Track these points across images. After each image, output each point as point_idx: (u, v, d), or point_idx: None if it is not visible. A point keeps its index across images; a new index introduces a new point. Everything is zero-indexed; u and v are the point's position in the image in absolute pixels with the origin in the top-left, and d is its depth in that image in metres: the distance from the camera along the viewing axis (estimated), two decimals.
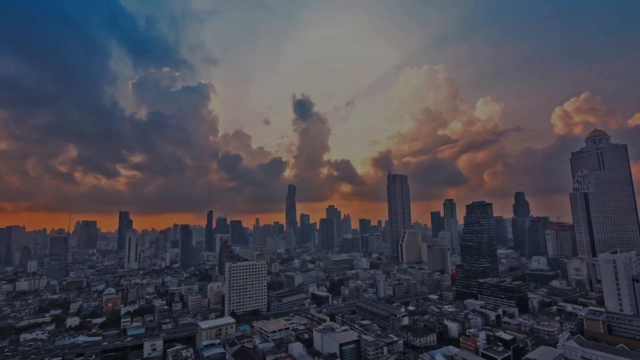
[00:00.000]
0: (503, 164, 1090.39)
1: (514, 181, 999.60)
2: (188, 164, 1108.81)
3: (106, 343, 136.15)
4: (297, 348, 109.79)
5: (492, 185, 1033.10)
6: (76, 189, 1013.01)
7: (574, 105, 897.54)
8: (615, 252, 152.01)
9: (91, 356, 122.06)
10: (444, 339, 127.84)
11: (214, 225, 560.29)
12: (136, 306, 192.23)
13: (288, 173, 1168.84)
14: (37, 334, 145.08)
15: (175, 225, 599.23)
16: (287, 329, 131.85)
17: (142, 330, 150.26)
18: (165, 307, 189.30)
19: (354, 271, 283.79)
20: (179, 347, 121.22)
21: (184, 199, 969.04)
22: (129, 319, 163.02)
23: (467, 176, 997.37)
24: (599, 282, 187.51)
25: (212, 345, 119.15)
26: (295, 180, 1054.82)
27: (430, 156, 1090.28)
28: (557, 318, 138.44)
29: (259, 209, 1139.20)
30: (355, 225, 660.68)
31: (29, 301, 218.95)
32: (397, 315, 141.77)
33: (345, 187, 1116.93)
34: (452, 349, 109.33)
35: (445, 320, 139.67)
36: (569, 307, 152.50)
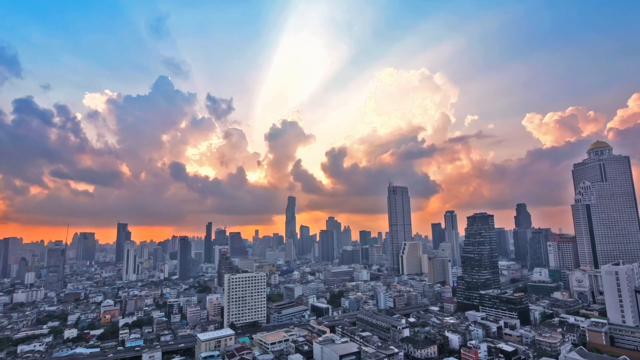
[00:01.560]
0: (480, 173, 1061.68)
1: (496, 191, 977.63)
2: (125, 172, 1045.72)
3: (111, 355, 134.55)
4: None
5: (471, 194, 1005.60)
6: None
7: (558, 114, 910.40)
8: (618, 264, 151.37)
9: None
10: (445, 350, 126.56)
11: (212, 237, 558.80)
12: (134, 318, 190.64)
13: (257, 182, 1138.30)
14: (35, 346, 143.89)
15: (174, 237, 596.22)
16: (287, 340, 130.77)
17: (141, 342, 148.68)
18: (164, 318, 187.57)
19: (354, 283, 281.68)
20: (177, 358, 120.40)
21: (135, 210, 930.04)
22: (127, 331, 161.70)
23: (440, 185, 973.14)
24: (601, 293, 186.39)
25: (211, 357, 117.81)
26: (265, 191, 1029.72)
27: (405, 162, 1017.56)
28: (559, 330, 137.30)
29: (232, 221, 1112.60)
30: (355, 237, 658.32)
31: (27, 313, 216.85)
32: (398, 327, 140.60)
33: (311, 198, 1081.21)
34: None
35: (446, 331, 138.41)
36: (571, 319, 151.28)
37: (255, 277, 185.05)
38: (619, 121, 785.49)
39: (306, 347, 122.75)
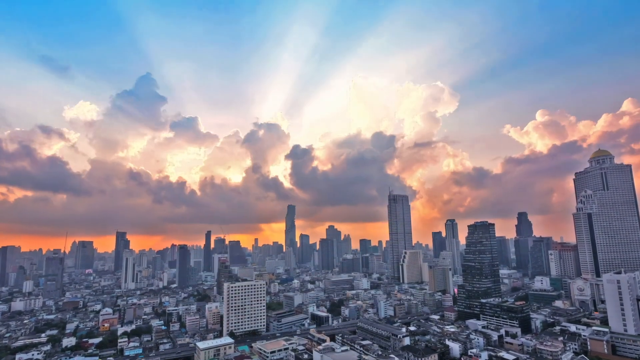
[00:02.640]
0: (463, 179, 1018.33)
1: (481, 198, 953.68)
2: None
3: None
4: None
5: (460, 202, 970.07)
6: None
7: (541, 117, 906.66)
8: (619, 272, 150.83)
9: None
10: (446, 359, 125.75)
11: (212, 245, 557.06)
12: (133, 326, 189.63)
13: (237, 189, 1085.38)
14: (33, 355, 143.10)
15: (173, 246, 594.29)
16: (287, 349, 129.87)
17: (140, 351, 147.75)
18: (163, 327, 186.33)
19: (354, 291, 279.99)
20: None
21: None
22: (126, 339, 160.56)
23: (418, 191, 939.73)
24: (602, 302, 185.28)
25: None
26: (244, 199, 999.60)
27: (380, 169, 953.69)
28: (561, 338, 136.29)
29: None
30: (355, 245, 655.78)
31: (25, 321, 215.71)
32: (398, 336, 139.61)
33: (285, 205, 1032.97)
34: None
35: (446, 340, 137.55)
36: (573, 328, 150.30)
37: (254, 285, 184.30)
38: (603, 125, 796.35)
39: (306, 356, 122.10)
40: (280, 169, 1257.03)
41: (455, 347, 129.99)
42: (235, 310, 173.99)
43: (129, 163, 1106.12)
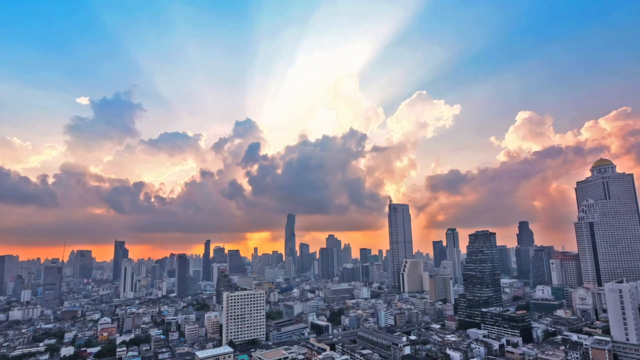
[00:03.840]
0: (445, 185, 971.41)
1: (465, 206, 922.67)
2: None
3: None
4: None
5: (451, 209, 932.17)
6: None
7: (521, 121, 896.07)
8: (621, 282, 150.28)
9: None
10: None
11: (211, 254, 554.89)
12: (132, 335, 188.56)
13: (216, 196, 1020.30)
14: None
15: (172, 255, 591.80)
16: (287, 358, 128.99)
17: None
18: (162, 336, 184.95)
19: (354, 300, 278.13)
20: None
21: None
22: (125, 349, 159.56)
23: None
24: (604, 311, 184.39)
25: None
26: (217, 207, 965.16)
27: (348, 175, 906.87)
28: (562, 347, 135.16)
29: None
30: (355, 254, 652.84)
31: (23, 330, 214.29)
32: (399, 345, 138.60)
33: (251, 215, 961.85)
34: None
35: (447, 349, 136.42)
36: (574, 337, 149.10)
37: (254, 294, 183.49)
38: (588, 133, 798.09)
39: None
40: (250, 176, 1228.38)
41: (456, 357, 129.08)
42: (234, 319, 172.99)
43: (106, 173, 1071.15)
